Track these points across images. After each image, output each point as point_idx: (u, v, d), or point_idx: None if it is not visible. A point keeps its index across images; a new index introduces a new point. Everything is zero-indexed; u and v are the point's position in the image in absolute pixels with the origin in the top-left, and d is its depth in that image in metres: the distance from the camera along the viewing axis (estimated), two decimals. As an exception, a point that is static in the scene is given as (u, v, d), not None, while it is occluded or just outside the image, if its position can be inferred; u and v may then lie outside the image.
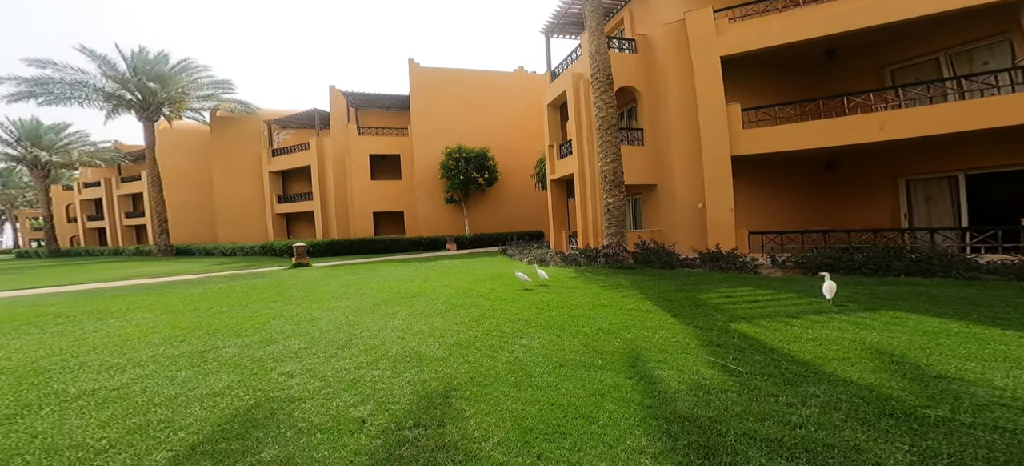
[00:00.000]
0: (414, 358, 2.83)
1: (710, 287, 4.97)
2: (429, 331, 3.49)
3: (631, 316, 3.72)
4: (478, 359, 2.77)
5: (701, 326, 3.31)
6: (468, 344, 3.10)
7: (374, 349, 3.04)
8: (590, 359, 2.67)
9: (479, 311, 4.12)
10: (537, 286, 5.31)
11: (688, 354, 2.70)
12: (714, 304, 4.09)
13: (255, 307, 4.76)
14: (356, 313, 4.25)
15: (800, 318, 3.47)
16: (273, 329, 3.74)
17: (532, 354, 2.81)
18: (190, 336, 3.59)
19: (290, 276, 7.56)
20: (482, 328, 3.52)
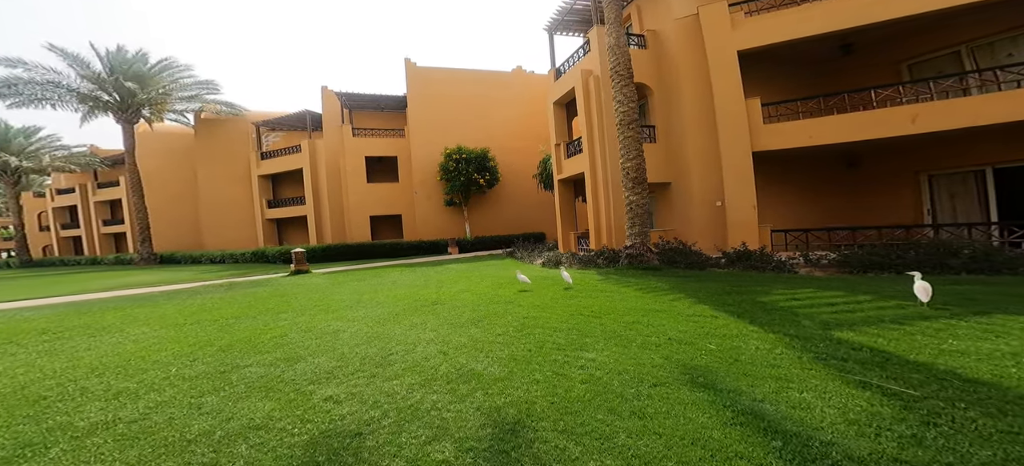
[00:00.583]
0: (471, 378, 2.46)
1: (760, 288, 4.65)
2: (472, 344, 3.11)
3: (696, 322, 3.40)
4: (547, 378, 2.41)
5: (794, 334, 2.95)
6: (525, 359, 2.74)
7: (418, 367, 2.67)
8: (683, 376, 2.33)
9: (517, 319, 3.77)
10: (563, 289, 5.00)
11: (807, 370, 2.32)
12: (784, 307, 3.74)
13: (264, 319, 4.31)
14: (379, 324, 3.85)
15: (908, 324, 3.07)
16: (294, 344, 3.33)
17: (608, 370, 2.47)
18: (201, 353, 3.16)
19: (292, 284, 7.07)
20: (532, 340, 3.16)
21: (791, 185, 8.50)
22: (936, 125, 6.03)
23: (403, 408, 2.10)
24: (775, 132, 7.24)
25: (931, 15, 6.13)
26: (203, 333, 3.81)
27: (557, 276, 5.63)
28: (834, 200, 8.18)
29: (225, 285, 7.15)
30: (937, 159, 7.02)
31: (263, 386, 2.45)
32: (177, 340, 3.59)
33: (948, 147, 6.70)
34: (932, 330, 2.90)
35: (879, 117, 6.38)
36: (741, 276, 5.63)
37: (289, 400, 2.25)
